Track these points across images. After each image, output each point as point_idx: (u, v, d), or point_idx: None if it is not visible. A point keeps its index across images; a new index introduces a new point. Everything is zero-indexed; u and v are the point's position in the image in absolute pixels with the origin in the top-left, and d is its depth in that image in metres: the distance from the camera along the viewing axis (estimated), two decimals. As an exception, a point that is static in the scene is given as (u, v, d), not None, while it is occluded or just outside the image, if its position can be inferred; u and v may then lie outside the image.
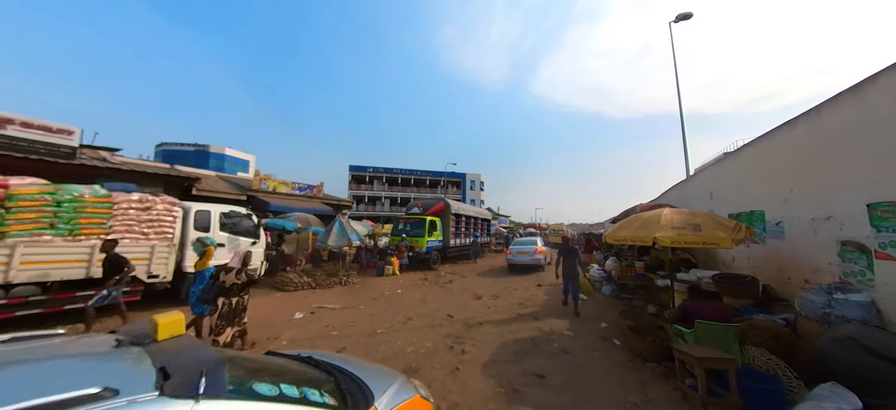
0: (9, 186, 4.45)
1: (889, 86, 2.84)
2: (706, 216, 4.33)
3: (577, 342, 4.62)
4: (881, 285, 2.95)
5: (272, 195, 12.62)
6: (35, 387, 0.95)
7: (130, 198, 5.65)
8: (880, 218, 2.93)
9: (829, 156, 3.56)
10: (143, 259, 5.72)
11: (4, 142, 6.74)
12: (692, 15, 11.00)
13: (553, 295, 7.66)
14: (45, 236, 4.67)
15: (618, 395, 3.15)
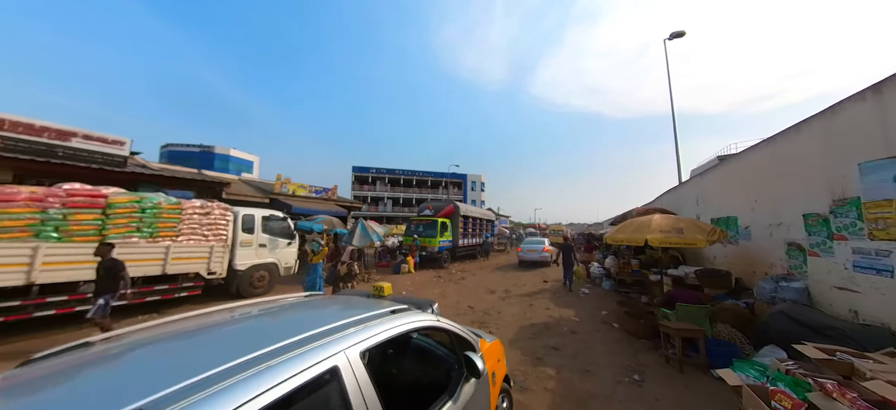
0: (107, 196, 5.33)
1: (817, 129, 3.87)
2: (688, 221, 5.35)
3: (583, 325, 5.62)
4: (812, 275, 3.98)
5: (292, 198, 13.50)
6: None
7: (194, 204, 6.53)
8: (810, 225, 3.96)
9: (780, 176, 4.59)
10: (204, 258, 6.62)
11: (70, 153, 7.57)
12: (685, 33, 12.06)
13: (559, 290, 8.69)
14: (133, 238, 5.56)
15: (617, 360, 4.15)
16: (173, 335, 1.44)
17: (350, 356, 1.26)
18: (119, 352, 1.31)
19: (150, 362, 1.20)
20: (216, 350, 1.21)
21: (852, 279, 3.40)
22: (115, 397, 0.85)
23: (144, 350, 1.32)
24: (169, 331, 1.47)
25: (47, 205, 4.71)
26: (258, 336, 1.33)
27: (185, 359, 1.15)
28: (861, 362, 2.21)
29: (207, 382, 0.91)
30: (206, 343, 1.32)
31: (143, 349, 1.33)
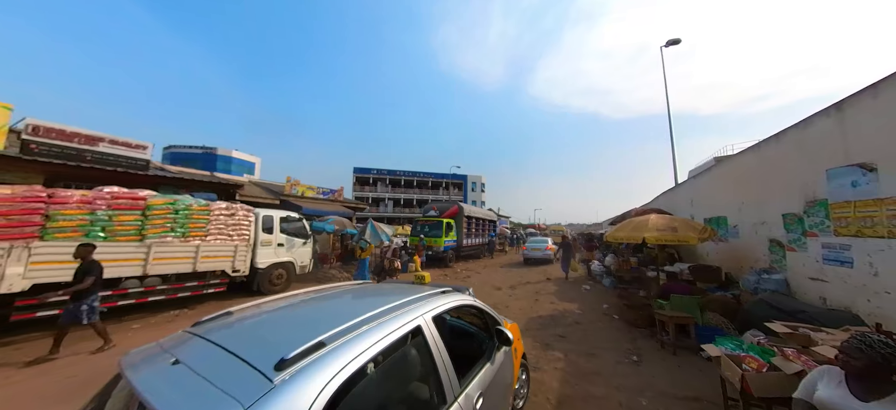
0: (146, 198, 5.77)
1: (792, 139, 4.39)
2: (682, 221, 5.87)
3: (586, 316, 6.13)
4: (790, 267, 4.50)
5: (301, 199, 13.93)
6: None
7: (220, 206, 6.97)
8: (788, 224, 4.48)
9: (763, 180, 5.12)
10: (229, 256, 7.06)
11: (98, 157, 7.98)
12: (681, 40, 12.62)
13: (561, 286, 9.20)
14: (168, 238, 5.99)
15: (617, 346, 4.65)
16: (303, 303, 1.89)
17: (426, 319, 1.73)
18: (272, 314, 1.73)
19: (303, 319, 1.66)
20: (341, 312, 1.67)
21: (822, 270, 3.92)
22: (299, 336, 1.28)
23: (289, 312, 1.76)
24: (296, 301, 1.92)
25: (95, 207, 5.15)
26: (361, 305, 1.79)
27: (326, 317, 1.62)
28: (817, 334, 2.71)
29: (350, 329, 1.37)
30: (332, 308, 1.79)
31: (288, 312, 1.77)
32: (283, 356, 1.07)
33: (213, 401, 0.92)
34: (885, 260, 3.09)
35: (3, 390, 3.40)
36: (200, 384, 1.02)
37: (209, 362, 1.16)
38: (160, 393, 0.99)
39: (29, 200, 4.55)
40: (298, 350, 1.11)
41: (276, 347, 1.16)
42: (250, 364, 1.08)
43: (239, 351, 1.19)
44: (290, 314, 1.75)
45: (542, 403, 3.16)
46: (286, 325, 1.60)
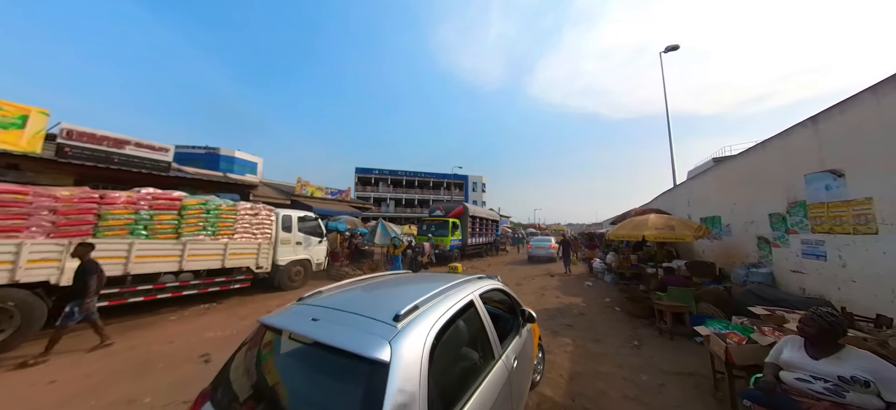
0: (181, 199, 6.22)
1: (777, 147, 4.91)
2: (678, 220, 6.39)
3: (590, 309, 6.64)
4: (775, 262, 5.02)
5: (311, 199, 14.38)
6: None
7: (245, 206, 7.43)
8: (774, 223, 5.00)
9: (752, 183, 5.64)
10: (253, 253, 7.52)
11: (124, 159, 8.41)
12: (679, 46, 13.16)
13: (565, 282, 9.71)
14: (200, 236, 6.44)
15: (620, 333, 5.16)
16: (377, 285, 2.37)
17: (475, 296, 2.21)
18: (360, 291, 2.17)
19: (387, 293, 2.12)
20: (414, 290, 2.13)
21: (801, 264, 4.44)
22: (396, 303, 1.73)
23: (372, 290, 2.21)
24: (370, 284, 2.40)
25: (139, 208, 5.60)
26: (425, 286, 2.24)
27: (405, 292, 2.09)
28: (790, 315, 3.22)
29: (428, 299, 1.84)
30: (405, 287, 2.26)
31: (371, 289, 2.22)
32: (397, 312, 1.55)
33: (367, 336, 1.39)
34: (851, 254, 3.61)
35: (78, 369, 3.87)
36: (346, 329, 1.49)
37: (341, 318, 1.63)
38: (327, 334, 1.46)
39: (84, 201, 5.00)
40: (405, 309, 1.59)
41: (385, 309, 1.63)
42: (375, 319, 1.56)
43: (358, 311, 1.66)
44: (375, 291, 2.22)
45: (555, 378, 3.66)
46: (379, 297, 2.07)
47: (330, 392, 1.40)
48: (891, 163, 3.12)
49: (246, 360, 1.70)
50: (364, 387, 1.22)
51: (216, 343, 4.79)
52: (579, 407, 3.09)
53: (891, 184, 3.15)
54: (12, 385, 3.50)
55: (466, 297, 2.06)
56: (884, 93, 3.15)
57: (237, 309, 6.65)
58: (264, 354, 1.73)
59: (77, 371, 3.81)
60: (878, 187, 3.28)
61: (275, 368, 1.68)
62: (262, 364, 1.69)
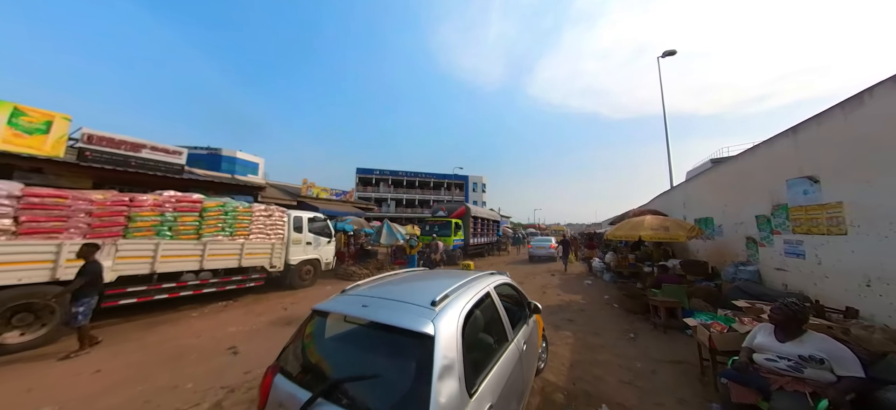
0: (202, 201, 6.57)
1: (763, 153, 5.30)
2: (673, 221, 6.78)
3: (589, 306, 7.02)
4: (762, 260, 5.42)
5: (316, 200, 14.73)
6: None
7: (260, 207, 7.78)
8: (760, 224, 5.39)
9: (741, 186, 6.04)
10: (267, 253, 7.87)
11: (140, 162, 8.75)
12: (676, 51, 13.55)
13: (565, 281, 10.10)
14: (219, 237, 6.80)
15: (617, 327, 5.54)
16: (407, 278, 2.72)
17: (491, 289, 2.58)
18: (395, 284, 2.49)
19: (419, 285, 2.46)
20: (439, 283, 2.48)
21: (784, 262, 4.83)
22: (428, 292, 2.09)
23: (404, 283, 2.54)
24: (400, 278, 2.75)
25: (164, 210, 5.95)
26: (448, 280, 2.57)
27: (432, 285, 2.44)
28: (767, 307, 3.61)
29: (454, 290, 2.20)
30: (431, 281, 2.61)
31: (403, 282, 2.56)
32: (433, 299, 1.91)
33: (415, 316, 1.75)
34: (825, 252, 4.00)
35: (118, 360, 4.22)
36: (395, 311, 1.85)
37: (387, 303, 1.99)
38: (381, 315, 1.82)
39: (116, 204, 5.35)
40: (439, 296, 1.95)
41: (422, 296, 1.99)
42: (416, 304, 1.92)
43: (400, 299, 2.03)
44: (407, 283, 2.54)
45: (558, 366, 4.04)
46: (413, 288, 2.39)
47: (386, 360, 1.76)
48: (858, 171, 3.51)
49: (304, 340, 2.06)
50: (416, 355, 1.58)
51: (239, 337, 5.15)
52: (580, 390, 3.47)
53: (858, 189, 3.54)
54: (61, 375, 3.85)
55: (484, 289, 2.43)
56: (851, 109, 3.53)
57: (253, 306, 7.00)
58: (319, 334, 2.09)
59: (118, 362, 4.17)
60: (847, 192, 3.67)
61: (331, 344, 2.05)
62: (319, 341, 2.06)
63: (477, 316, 2.17)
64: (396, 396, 1.50)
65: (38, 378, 3.73)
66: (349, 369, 1.78)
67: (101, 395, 3.40)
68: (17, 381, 3.64)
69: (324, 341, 2.06)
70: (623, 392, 3.43)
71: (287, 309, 6.73)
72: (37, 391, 3.46)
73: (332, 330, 2.11)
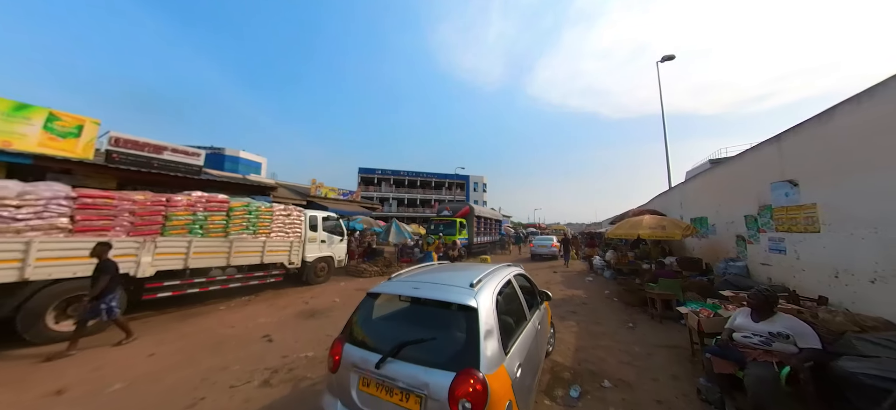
0: (228, 201, 7.03)
1: (751, 158, 5.81)
2: (669, 220, 7.28)
3: (591, 300, 7.52)
4: (749, 256, 5.92)
5: (325, 200, 15.19)
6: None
7: (279, 207, 8.25)
8: (748, 223, 5.90)
9: (733, 188, 6.55)
10: (286, 251, 8.34)
11: (162, 164, 9.19)
12: (675, 56, 14.05)
13: (567, 278, 10.60)
14: (244, 235, 7.26)
15: (617, 318, 6.04)
16: (441, 269, 3.19)
17: (511, 277, 3.06)
18: (435, 272, 2.96)
19: (454, 274, 2.91)
20: (470, 272, 2.94)
21: (769, 257, 5.34)
22: (465, 278, 2.56)
23: (441, 272, 2.99)
24: (439, 268, 3.21)
25: (196, 209, 6.41)
26: (476, 270, 3.03)
27: (465, 274, 2.91)
28: (750, 296, 4.10)
29: (483, 278, 2.68)
30: (463, 271, 3.07)
31: (441, 272, 3.01)
32: (471, 281, 2.39)
33: (459, 293, 2.23)
34: (803, 249, 4.50)
35: (167, 346, 4.69)
36: (444, 291, 2.33)
37: (434, 286, 2.46)
38: (434, 294, 2.30)
39: (155, 204, 5.81)
40: (475, 280, 2.43)
41: (461, 280, 2.47)
42: (458, 286, 2.39)
43: (444, 283, 2.51)
44: (443, 272, 2.97)
45: (564, 350, 4.54)
46: (450, 275, 2.82)
47: (439, 326, 2.24)
48: (829, 176, 4.01)
49: (362, 317, 2.53)
50: (465, 323, 2.06)
51: (269, 327, 5.62)
52: (584, 369, 3.96)
53: (829, 192, 4.03)
54: (120, 358, 4.31)
55: (506, 277, 2.92)
56: (823, 122, 4.02)
57: (275, 300, 7.48)
58: (376, 311, 2.58)
59: (166, 348, 4.63)
60: (820, 195, 4.17)
61: (388, 318, 2.55)
62: (378, 316, 2.54)
63: (504, 295, 2.65)
64: (451, 352, 1.98)
65: (101, 361, 4.20)
66: (407, 335, 2.25)
67: (162, 374, 3.88)
68: (85, 364, 4.11)
69: (381, 316, 2.54)
70: (623, 371, 3.93)
71: (308, 303, 7.21)
72: (104, 370, 3.93)
73: (385, 308, 2.60)
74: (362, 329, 2.45)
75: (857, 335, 3.01)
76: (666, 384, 3.61)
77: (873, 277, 3.40)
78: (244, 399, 3.38)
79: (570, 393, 3.38)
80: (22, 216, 4.42)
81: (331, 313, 6.48)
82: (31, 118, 7.15)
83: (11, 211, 4.35)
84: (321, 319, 6.08)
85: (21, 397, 3.31)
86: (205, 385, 3.65)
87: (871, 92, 3.39)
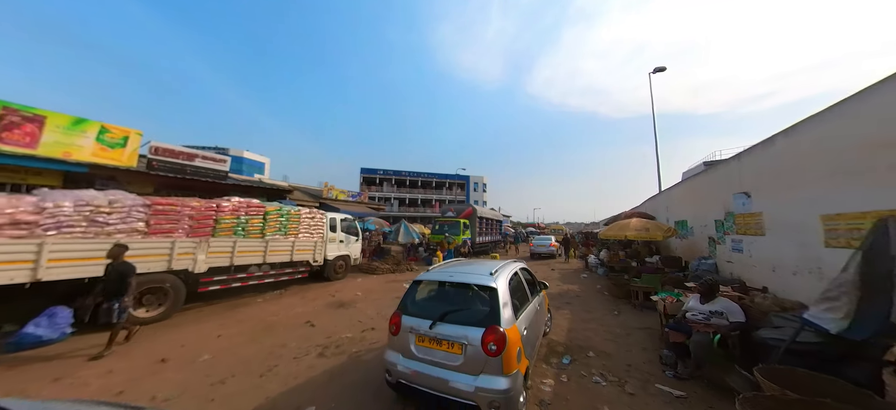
0: (264, 206, 8.01)
1: (721, 171, 6.86)
2: (653, 223, 8.35)
3: (584, 293, 8.59)
4: (718, 255, 7.00)
5: (336, 201, 16.17)
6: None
7: (305, 210, 9.24)
8: (717, 226, 6.97)
9: (706, 196, 7.61)
10: (311, 250, 9.33)
11: (193, 170, 10.14)
12: (665, 68, 15.09)
13: (564, 274, 11.66)
14: (277, 236, 8.25)
15: (605, 307, 7.11)
16: (466, 263, 4.22)
17: (517, 269, 4.09)
18: (460, 265, 4.01)
19: (475, 267, 3.93)
20: (488, 266, 3.97)
21: (732, 256, 6.40)
22: (486, 268, 3.58)
23: (465, 266, 4.04)
24: (462, 263, 4.25)
25: (239, 214, 7.39)
26: (492, 264, 4.07)
27: (485, 266, 3.92)
28: (708, 287, 5.15)
29: (498, 268, 3.71)
30: (480, 265, 4.09)
31: (465, 266, 4.05)
32: (490, 271, 3.42)
33: (484, 278, 3.25)
34: (754, 248, 5.56)
35: (232, 328, 5.68)
36: (472, 277, 3.35)
37: (465, 273, 3.50)
38: (468, 278, 3.32)
39: (207, 209, 6.79)
40: (493, 270, 3.46)
41: (483, 270, 3.50)
42: (482, 274, 3.41)
43: (472, 272, 3.54)
44: (468, 265, 4.01)
45: (559, 331, 5.58)
46: (474, 267, 3.83)
47: (470, 300, 3.26)
48: (770, 190, 5.06)
49: (411, 297, 3.55)
50: (489, 298, 3.08)
51: (308, 315, 6.61)
52: (574, 344, 5.01)
53: (770, 204, 5.09)
54: (193, 338, 5.29)
55: (514, 268, 3.94)
56: (769, 145, 5.07)
57: (304, 294, 8.48)
58: (421, 291, 3.60)
59: (232, 331, 5.63)
60: (765, 205, 5.22)
61: (431, 296, 3.57)
62: (422, 295, 3.56)
63: (513, 281, 3.68)
64: (481, 316, 3.00)
65: (181, 338, 5.19)
66: (448, 307, 3.25)
67: (236, 349, 4.87)
68: (171, 340, 5.10)
69: (425, 295, 3.57)
70: (605, 345, 4.98)
71: (335, 296, 8.22)
72: (188, 347, 4.92)
73: (426, 290, 3.62)
74: (414, 304, 3.47)
75: (776, 313, 4.05)
76: (637, 354, 4.66)
77: (794, 271, 4.46)
78: (307, 366, 4.39)
79: (563, 361, 4.42)
80: (112, 221, 5.40)
81: (356, 304, 7.49)
82: (86, 131, 8.10)
83: (105, 216, 5.33)
84: (350, 309, 7.09)
85: (133, 364, 4.28)
86: (272, 357, 4.65)
87: (797, 127, 4.43)
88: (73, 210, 5.01)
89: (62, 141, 7.76)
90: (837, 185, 3.70)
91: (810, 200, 4.17)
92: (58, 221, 4.86)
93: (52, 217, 4.81)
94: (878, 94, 3.15)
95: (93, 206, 5.21)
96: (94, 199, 5.25)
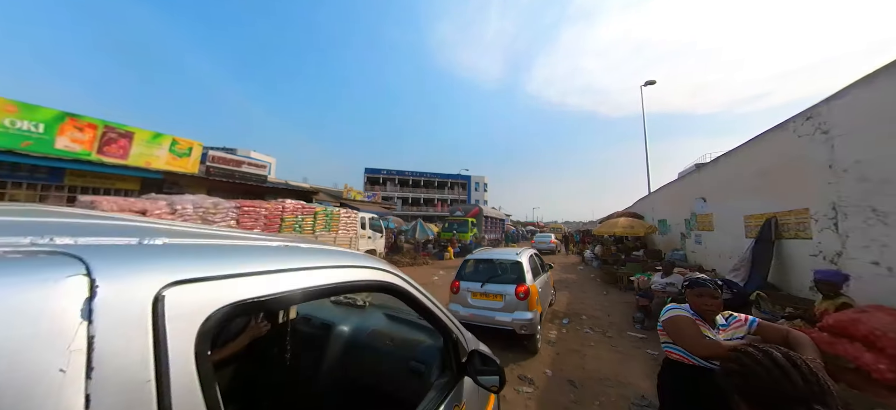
0: (314, 208, 9.76)
1: (690, 180, 8.75)
2: (637, 221, 10.24)
3: (580, 280, 10.47)
4: (687, 248, 8.92)
5: (354, 202, 17.89)
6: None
7: (344, 211, 10.99)
8: (687, 224, 8.88)
9: (679, 199, 9.51)
10: (347, 244, 11.08)
11: (240, 174, 11.84)
12: (656, 82, 17.00)
13: (563, 267, 13.55)
14: (323, 233, 10.00)
15: (596, 291, 8.99)
16: (494, 251, 6.06)
17: (533, 253, 5.91)
18: (492, 252, 5.83)
19: (503, 251, 5.76)
20: (510, 250, 5.80)
21: (695, 248, 8.30)
22: (512, 251, 5.42)
23: (492, 252, 5.85)
24: (489, 251, 6.08)
25: (296, 214, 9.13)
26: (512, 249, 5.89)
27: (510, 250, 5.75)
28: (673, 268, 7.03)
29: (521, 251, 5.52)
30: (503, 251, 5.90)
31: (494, 249, 5.87)
32: (516, 253, 5.25)
33: (512, 257, 5.07)
34: (708, 241, 7.46)
35: (304, 303, 7.47)
36: (505, 256, 5.18)
37: (500, 253, 5.34)
38: (503, 257, 5.15)
39: (275, 209, 8.52)
40: (517, 253, 5.30)
41: (510, 253, 5.34)
42: (511, 254, 5.24)
43: (503, 253, 5.37)
44: (499, 251, 5.84)
45: (560, 304, 7.44)
46: (503, 252, 5.66)
47: (505, 270, 5.07)
48: (718, 197, 6.94)
49: (464, 269, 5.35)
50: (517, 268, 4.89)
51: (358, 295, 8.39)
52: (571, 311, 6.86)
53: (718, 207, 6.98)
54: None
55: (530, 252, 5.77)
56: (716, 164, 6.95)
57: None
58: (469, 265, 5.42)
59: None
60: (715, 208, 7.11)
61: (477, 268, 5.38)
62: (471, 268, 5.38)
63: (531, 260, 5.50)
64: (513, 278, 4.82)
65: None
66: (490, 274, 5.05)
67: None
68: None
69: (472, 269, 5.38)
70: (595, 312, 6.84)
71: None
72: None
73: (472, 265, 5.44)
74: (467, 272, 5.28)
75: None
76: (617, 317, 6.53)
77: (730, 255, 6.36)
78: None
79: (563, 322, 6.27)
80: (216, 219, 7.12)
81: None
82: (161, 144, 9.78)
83: (212, 215, 7.05)
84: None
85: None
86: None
87: (730, 153, 6.30)
88: (192, 210, 6.73)
89: (144, 152, 9.44)
90: (749, 196, 5.59)
91: (739, 206, 6.05)
92: (184, 219, 6.57)
93: (181, 216, 6.52)
94: (764, 140, 5.03)
95: (204, 208, 6.93)
96: (205, 201, 6.97)
